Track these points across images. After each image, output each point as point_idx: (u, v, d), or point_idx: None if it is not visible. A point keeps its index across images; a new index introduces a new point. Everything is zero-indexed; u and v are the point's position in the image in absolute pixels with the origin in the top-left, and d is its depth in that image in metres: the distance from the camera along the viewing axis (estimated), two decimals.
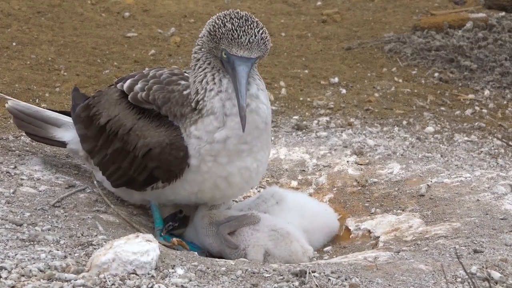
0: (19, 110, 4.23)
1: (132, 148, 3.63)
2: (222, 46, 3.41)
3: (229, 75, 3.46)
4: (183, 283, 2.97)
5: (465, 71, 6.25)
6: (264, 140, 3.62)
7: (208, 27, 3.46)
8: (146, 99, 3.65)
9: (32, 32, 6.60)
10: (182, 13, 7.61)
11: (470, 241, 3.57)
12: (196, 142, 3.51)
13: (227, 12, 3.45)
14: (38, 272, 2.93)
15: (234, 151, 3.52)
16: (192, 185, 3.63)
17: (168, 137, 3.55)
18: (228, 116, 3.47)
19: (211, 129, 3.48)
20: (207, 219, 3.77)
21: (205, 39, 3.47)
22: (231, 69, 3.43)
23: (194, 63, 3.56)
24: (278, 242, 3.69)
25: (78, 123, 4.00)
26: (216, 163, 3.54)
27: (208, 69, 3.51)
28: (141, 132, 3.62)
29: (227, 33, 3.38)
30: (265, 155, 3.70)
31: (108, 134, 3.73)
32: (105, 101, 3.85)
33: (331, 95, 5.85)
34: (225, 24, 3.39)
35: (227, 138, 3.49)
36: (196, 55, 3.55)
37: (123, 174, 3.71)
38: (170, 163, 3.55)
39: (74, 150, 4.14)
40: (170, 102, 3.59)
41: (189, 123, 3.53)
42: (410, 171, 4.56)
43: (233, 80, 3.43)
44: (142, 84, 3.70)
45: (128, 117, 3.69)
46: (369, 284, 3.10)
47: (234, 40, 3.38)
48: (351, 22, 7.57)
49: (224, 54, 3.43)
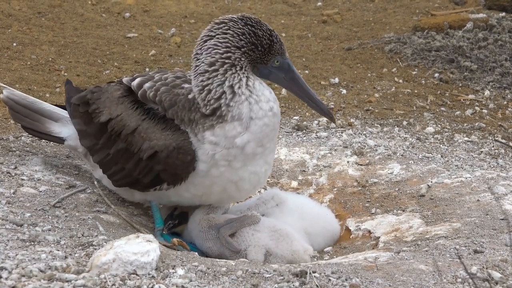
0: (14, 101, 4.17)
1: (136, 150, 3.63)
2: (275, 55, 3.56)
3: (278, 82, 3.63)
4: (183, 283, 2.97)
5: (465, 72, 6.25)
6: (275, 141, 3.71)
7: (250, 39, 3.50)
8: (153, 99, 3.65)
9: (33, 33, 6.60)
10: (182, 13, 7.61)
11: (471, 241, 3.57)
12: (210, 148, 3.53)
13: (244, 19, 3.53)
14: (38, 272, 2.93)
15: (250, 155, 3.57)
16: (198, 189, 3.65)
17: (175, 141, 3.56)
18: (253, 119, 3.52)
19: (233, 134, 3.52)
20: (206, 222, 3.77)
21: (250, 51, 3.51)
22: (284, 74, 3.61)
23: (223, 70, 3.52)
24: (279, 242, 3.69)
25: (76, 117, 3.95)
26: (229, 167, 3.57)
27: (243, 74, 3.53)
28: (146, 134, 3.62)
29: (277, 41, 3.56)
30: (273, 157, 3.78)
31: (110, 134, 3.72)
32: (105, 99, 3.82)
33: (332, 95, 5.85)
34: (268, 33, 3.53)
35: (247, 142, 3.53)
36: (229, 62, 3.51)
37: (127, 175, 3.71)
38: (177, 167, 3.57)
39: (72, 147, 4.11)
40: (177, 106, 3.59)
41: (202, 129, 3.54)
42: (410, 171, 4.57)
43: (289, 83, 3.63)
44: (150, 84, 3.70)
45: (132, 117, 3.69)
46: (370, 284, 3.10)
47: (282, 45, 3.58)
48: (352, 22, 7.57)
49: (277, 61, 3.58)
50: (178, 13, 7.60)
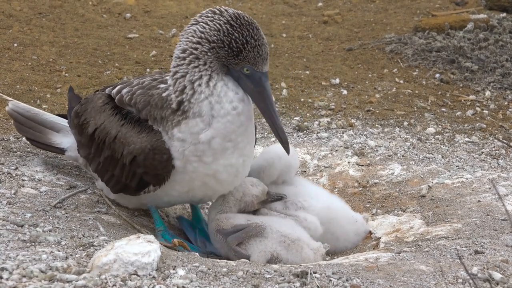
0: (19, 113, 4.23)
1: (119, 156, 3.65)
2: (245, 63, 3.42)
3: (246, 89, 3.48)
4: (184, 284, 2.97)
5: (466, 72, 6.25)
6: (249, 134, 3.62)
7: (223, 37, 3.39)
8: (129, 102, 3.66)
9: (33, 33, 6.61)
10: (183, 14, 7.61)
11: (471, 242, 3.57)
12: (179, 144, 3.52)
13: (233, 16, 3.41)
14: (39, 273, 2.93)
15: (219, 149, 3.52)
16: (182, 185, 3.65)
17: (149, 142, 3.56)
18: (215, 117, 3.47)
19: (197, 131, 3.49)
20: (215, 224, 3.77)
21: (218, 49, 3.41)
22: (253, 85, 3.46)
23: (188, 60, 3.47)
24: (290, 249, 3.68)
25: (72, 128, 4.01)
26: (201, 162, 3.54)
27: (206, 71, 3.47)
28: (125, 140, 3.63)
29: (252, 50, 3.40)
30: (251, 148, 3.70)
31: (98, 143, 3.75)
32: (91, 109, 3.86)
33: (332, 96, 5.85)
34: (246, 39, 3.38)
35: (212, 138, 3.49)
36: (195, 53, 3.45)
37: (117, 182, 3.73)
38: (156, 167, 3.57)
39: (73, 157, 4.14)
40: (150, 105, 3.59)
41: (171, 126, 3.53)
42: (411, 172, 4.57)
43: (256, 96, 3.47)
44: (128, 89, 3.71)
45: (112, 124, 3.70)
46: (370, 285, 3.10)
47: (260, 57, 3.42)
48: (352, 23, 7.57)
49: (246, 70, 3.45)
50: (179, 14, 7.60)
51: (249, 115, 3.56)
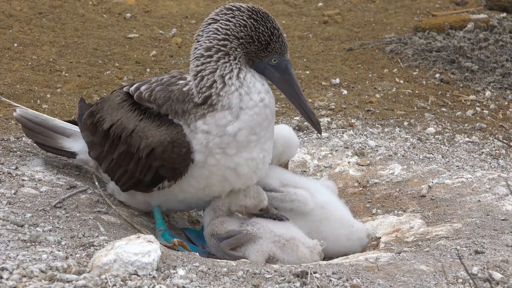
0: (27, 119, 4.26)
1: (136, 150, 3.67)
2: (273, 54, 3.57)
3: (272, 79, 3.63)
4: (184, 283, 2.97)
5: (466, 72, 6.26)
6: (271, 130, 3.71)
7: (250, 32, 3.51)
8: (148, 98, 3.70)
9: (34, 33, 6.61)
10: (183, 14, 7.61)
11: (471, 242, 3.57)
12: (203, 137, 3.56)
13: (252, 11, 3.52)
14: (39, 272, 2.93)
15: (243, 142, 3.57)
16: (199, 181, 3.66)
17: (169, 135, 3.59)
18: (243, 109, 3.54)
19: (224, 123, 3.54)
20: (210, 229, 3.77)
21: (247, 44, 3.52)
22: (280, 74, 3.61)
23: (216, 57, 3.54)
24: (285, 248, 3.68)
25: (84, 130, 4.03)
26: (224, 155, 3.58)
27: (236, 65, 3.55)
28: (143, 133, 3.66)
29: (277, 41, 3.56)
30: (271, 145, 3.76)
31: (113, 139, 3.78)
32: (107, 107, 3.89)
33: (332, 96, 5.85)
34: (271, 30, 3.53)
35: (239, 130, 3.55)
36: (225, 50, 3.52)
37: (130, 177, 3.73)
38: (174, 161, 3.59)
39: (84, 161, 4.16)
40: (171, 100, 3.64)
41: (194, 118, 3.57)
42: (411, 172, 4.57)
43: (283, 83, 3.64)
44: (146, 86, 3.76)
45: (130, 119, 3.74)
46: (370, 285, 3.10)
47: (284, 46, 3.59)
48: (352, 23, 7.57)
49: (274, 60, 3.59)
50: (179, 14, 7.60)
51: (273, 108, 3.66)
